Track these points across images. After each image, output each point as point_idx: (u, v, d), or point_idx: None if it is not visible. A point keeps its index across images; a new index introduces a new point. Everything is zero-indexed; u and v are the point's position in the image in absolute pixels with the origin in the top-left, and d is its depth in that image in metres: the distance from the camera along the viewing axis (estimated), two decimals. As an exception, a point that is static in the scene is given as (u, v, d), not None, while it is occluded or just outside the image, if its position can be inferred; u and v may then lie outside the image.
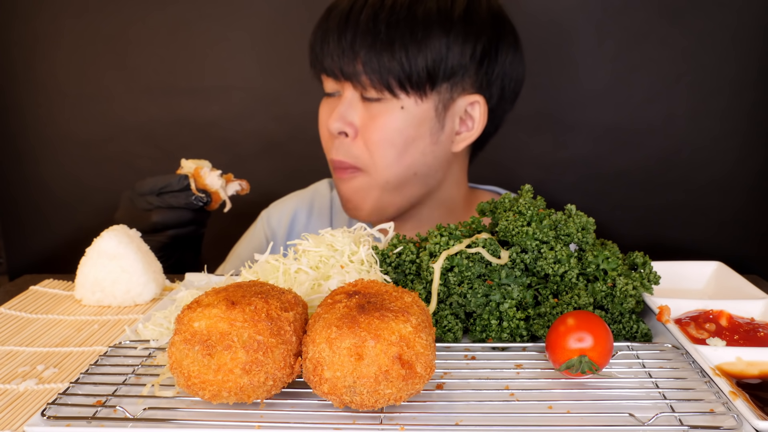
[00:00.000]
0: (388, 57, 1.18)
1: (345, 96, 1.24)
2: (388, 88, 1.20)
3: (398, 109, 1.21)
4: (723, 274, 1.04)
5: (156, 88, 1.69)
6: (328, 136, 1.27)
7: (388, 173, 1.25)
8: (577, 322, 0.77)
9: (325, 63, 1.23)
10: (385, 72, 1.19)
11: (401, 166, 1.25)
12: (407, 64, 1.19)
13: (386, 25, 1.18)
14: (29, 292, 1.15)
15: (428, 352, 0.69)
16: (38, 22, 1.65)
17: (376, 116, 1.22)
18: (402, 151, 1.23)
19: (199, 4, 1.64)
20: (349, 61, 1.20)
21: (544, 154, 1.69)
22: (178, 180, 1.21)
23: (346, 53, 1.20)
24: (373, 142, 1.22)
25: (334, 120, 1.23)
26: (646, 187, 1.69)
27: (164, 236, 1.25)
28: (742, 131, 1.63)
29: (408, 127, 1.22)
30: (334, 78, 1.24)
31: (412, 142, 1.24)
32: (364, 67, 1.19)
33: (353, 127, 1.23)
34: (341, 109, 1.23)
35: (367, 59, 1.19)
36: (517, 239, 0.93)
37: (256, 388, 0.69)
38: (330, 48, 1.21)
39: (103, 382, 0.76)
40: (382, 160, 1.23)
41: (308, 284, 0.89)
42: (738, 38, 1.57)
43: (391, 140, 1.22)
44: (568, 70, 1.63)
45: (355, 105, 1.23)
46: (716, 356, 0.78)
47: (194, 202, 1.22)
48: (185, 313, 0.70)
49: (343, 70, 1.21)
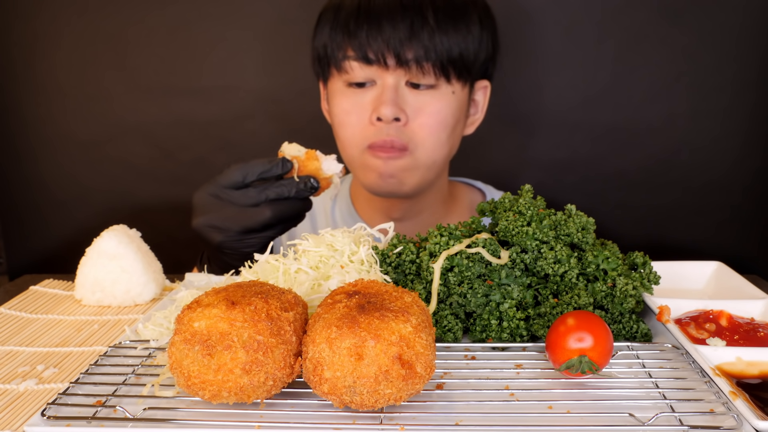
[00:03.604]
0: (448, 42, 1.22)
1: (388, 83, 1.24)
2: (446, 73, 1.23)
3: (450, 94, 1.27)
4: (723, 274, 1.04)
5: (156, 88, 1.69)
6: (366, 124, 1.27)
7: (435, 155, 1.30)
8: (577, 322, 0.77)
9: (371, 49, 1.22)
10: (445, 57, 1.22)
11: (447, 148, 1.31)
12: (464, 49, 1.24)
13: (443, 11, 1.22)
14: (29, 292, 1.15)
15: (428, 352, 0.69)
16: (38, 22, 1.65)
17: (429, 102, 1.25)
18: (450, 135, 1.30)
19: (199, 4, 1.64)
20: (410, 47, 1.21)
21: (544, 154, 1.69)
22: (281, 164, 1.06)
23: (407, 38, 1.20)
24: (429, 126, 1.25)
25: (386, 106, 1.22)
26: (646, 187, 1.69)
27: (275, 231, 1.09)
28: (742, 131, 1.63)
29: (456, 112, 1.29)
30: (380, 65, 1.23)
31: (457, 125, 1.31)
32: (426, 52, 1.21)
33: (404, 113, 1.24)
34: (391, 95, 1.23)
35: (430, 44, 1.21)
36: (517, 239, 0.93)
37: (256, 388, 0.69)
38: (385, 34, 1.20)
39: (103, 382, 0.76)
40: (434, 143, 1.28)
41: (308, 284, 0.89)
42: (738, 38, 1.57)
43: (444, 125, 1.27)
44: (568, 69, 1.63)
45: (402, 91, 1.25)
46: (716, 356, 0.78)
47: (307, 190, 1.06)
48: (185, 313, 0.70)
49: (400, 55, 1.21)
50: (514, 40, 1.60)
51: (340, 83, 1.29)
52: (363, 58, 1.23)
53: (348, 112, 1.28)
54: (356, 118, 1.27)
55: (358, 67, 1.24)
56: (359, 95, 1.27)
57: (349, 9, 1.24)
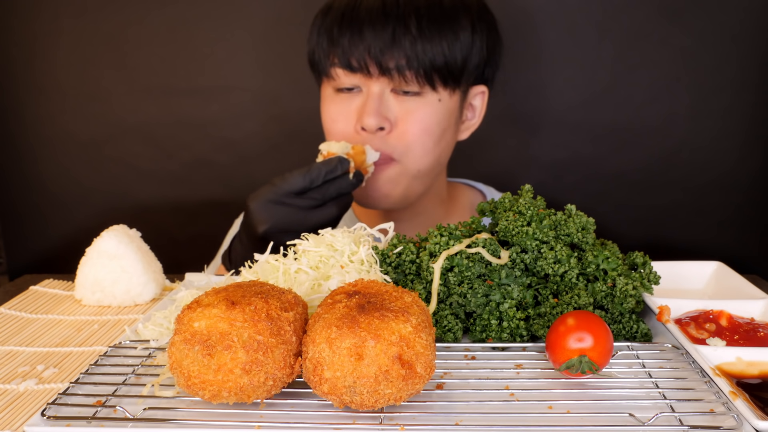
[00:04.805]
0: (432, 50, 1.19)
1: (373, 91, 1.22)
2: (430, 81, 1.21)
3: (436, 102, 1.24)
4: (723, 274, 1.04)
5: (156, 88, 1.69)
6: (352, 133, 1.26)
7: (421, 163, 1.27)
8: (577, 322, 0.77)
9: (354, 57, 1.20)
10: (428, 65, 1.20)
11: (434, 156, 1.28)
12: (449, 57, 1.21)
13: (427, 18, 1.19)
14: (29, 292, 1.15)
15: (428, 352, 0.69)
16: (38, 22, 1.65)
17: (413, 110, 1.23)
18: (437, 142, 1.27)
19: (198, 4, 1.64)
20: (391, 55, 1.18)
21: (545, 154, 1.69)
22: (341, 164, 1.13)
23: (388, 47, 1.18)
24: (413, 134, 1.23)
25: (369, 116, 1.20)
26: (646, 187, 1.69)
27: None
28: (742, 131, 1.63)
29: (443, 119, 1.26)
30: (364, 73, 1.21)
31: (444, 133, 1.28)
32: (408, 61, 1.18)
33: (389, 121, 1.23)
34: (374, 105, 1.21)
35: (412, 52, 1.18)
36: (517, 239, 0.93)
37: (256, 388, 0.69)
38: (366, 42, 1.18)
39: (103, 382, 0.76)
40: (419, 151, 1.25)
41: (308, 284, 0.89)
42: (738, 38, 1.57)
43: (430, 133, 1.24)
44: (569, 69, 1.63)
45: (387, 99, 1.23)
46: (716, 356, 0.78)
47: (358, 183, 1.16)
48: (185, 313, 0.70)
49: (381, 64, 1.19)
50: (514, 40, 1.59)
51: (329, 89, 1.29)
52: (347, 66, 1.21)
53: (335, 120, 1.28)
54: (343, 125, 1.26)
55: (343, 74, 1.23)
56: (346, 102, 1.25)
57: (335, 15, 1.23)
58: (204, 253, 1.55)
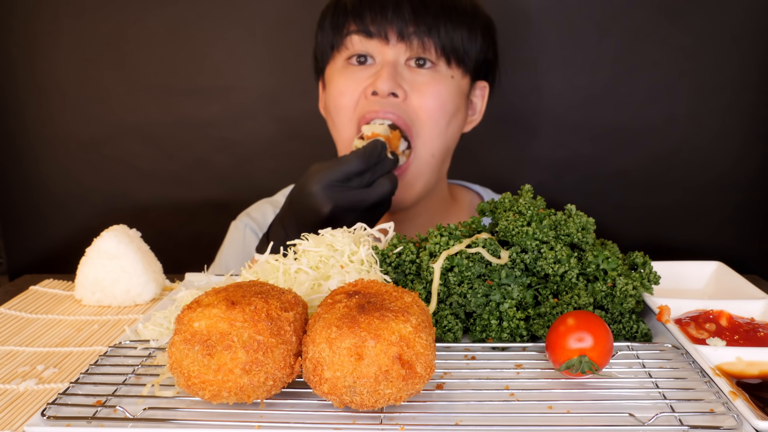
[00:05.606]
0: (451, 27, 1.23)
1: (388, 59, 1.24)
2: (447, 54, 1.23)
3: (449, 78, 1.26)
4: (723, 274, 1.04)
5: (156, 88, 1.69)
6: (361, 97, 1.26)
7: (433, 145, 1.27)
8: (577, 322, 0.77)
9: (374, 23, 1.22)
10: (447, 39, 1.22)
11: (444, 138, 1.29)
12: (465, 41, 1.25)
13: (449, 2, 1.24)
14: (29, 292, 1.15)
15: (428, 352, 0.69)
16: (38, 22, 1.65)
17: (428, 83, 1.24)
18: (449, 121, 1.28)
19: (198, 4, 1.64)
20: (414, 22, 1.21)
21: (544, 154, 1.69)
22: (382, 146, 1.15)
23: (410, 14, 1.20)
24: (428, 107, 1.24)
25: (384, 81, 1.21)
26: (646, 187, 1.69)
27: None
28: (742, 131, 1.63)
29: (456, 97, 1.27)
30: (381, 38, 1.23)
31: (455, 113, 1.29)
32: (429, 30, 1.21)
33: (402, 89, 1.23)
34: (389, 71, 1.22)
35: (434, 23, 1.21)
36: (517, 239, 0.93)
37: (256, 388, 0.69)
38: (387, 10, 1.21)
39: (103, 382, 0.76)
40: (433, 129, 1.26)
41: (308, 284, 0.89)
42: (738, 38, 1.57)
43: (443, 108, 1.25)
44: (568, 69, 1.63)
45: (401, 69, 1.24)
46: (716, 356, 0.78)
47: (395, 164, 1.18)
48: (185, 313, 0.70)
49: (403, 31, 1.21)
50: (514, 40, 1.60)
51: (339, 63, 1.28)
52: (364, 32, 1.23)
53: (342, 93, 1.27)
54: (349, 96, 1.26)
55: (358, 41, 1.24)
56: (357, 72, 1.26)
57: None
58: (204, 253, 1.55)
